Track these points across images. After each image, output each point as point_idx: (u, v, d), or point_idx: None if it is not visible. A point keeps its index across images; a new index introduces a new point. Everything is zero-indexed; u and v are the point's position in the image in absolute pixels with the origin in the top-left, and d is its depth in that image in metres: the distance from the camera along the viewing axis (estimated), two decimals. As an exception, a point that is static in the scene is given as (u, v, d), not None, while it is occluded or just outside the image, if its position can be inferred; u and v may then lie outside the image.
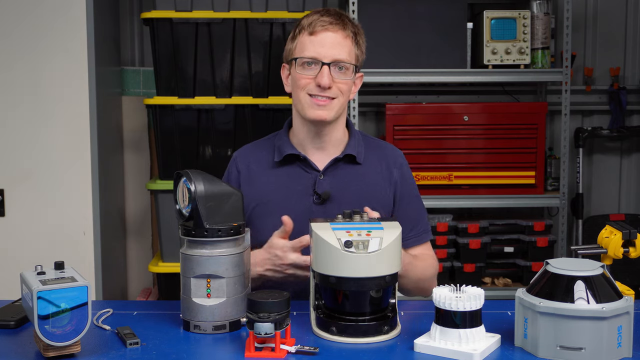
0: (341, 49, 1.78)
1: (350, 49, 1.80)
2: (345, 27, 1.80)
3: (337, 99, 1.79)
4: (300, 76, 1.79)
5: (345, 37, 1.79)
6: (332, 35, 1.78)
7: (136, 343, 1.41)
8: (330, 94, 1.78)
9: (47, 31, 2.97)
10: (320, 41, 1.77)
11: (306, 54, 1.78)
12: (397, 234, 1.46)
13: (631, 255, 1.64)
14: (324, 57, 1.77)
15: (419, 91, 3.88)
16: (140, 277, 3.80)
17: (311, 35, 1.78)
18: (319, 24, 1.78)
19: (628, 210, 4.00)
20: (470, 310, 1.35)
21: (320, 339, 1.45)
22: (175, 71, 3.20)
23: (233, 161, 1.95)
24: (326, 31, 1.77)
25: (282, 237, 1.69)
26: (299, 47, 1.81)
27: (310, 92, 1.78)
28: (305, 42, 1.79)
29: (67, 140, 3.02)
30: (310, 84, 1.78)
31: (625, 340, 1.32)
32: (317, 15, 1.80)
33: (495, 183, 3.52)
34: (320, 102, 1.78)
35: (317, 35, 1.78)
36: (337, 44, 1.78)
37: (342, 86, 1.79)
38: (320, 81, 1.76)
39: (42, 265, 1.40)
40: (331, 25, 1.78)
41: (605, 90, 3.89)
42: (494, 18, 3.45)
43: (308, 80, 1.78)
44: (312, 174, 1.86)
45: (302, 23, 1.81)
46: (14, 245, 3.02)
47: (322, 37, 1.77)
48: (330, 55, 1.77)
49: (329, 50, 1.77)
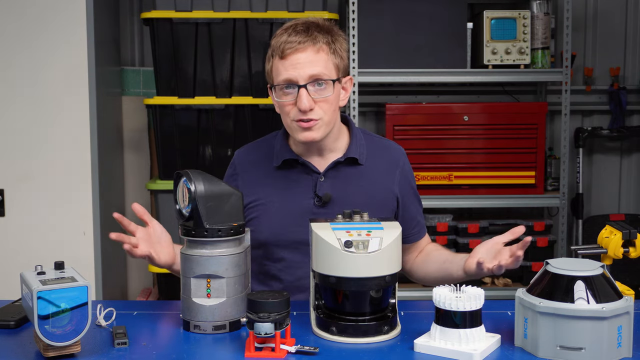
0: (315, 65, 1.72)
1: (326, 62, 1.74)
2: (315, 41, 1.73)
3: (321, 119, 1.74)
4: (282, 103, 1.75)
5: (317, 52, 1.73)
6: (302, 55, 1.72)
7: (124, 343, 1.41)
8: (313, 116, 1.73)
9: (47, 31, 2.97)
10: (292, 64, 1.71)
11: (280, 79, 1.73)
12: (397, 234, 1.46)
13: (631, 255, 1.64)
14: (298, 78, 1.71)
15: (419, 91, 3.88)
16: (140, 277, 3.80)
17: (282, 59, 1.73)
18: (287, 46, 1.72)
19: (628, 210, 4.00)
20: (470, 310, 1.35)
21: (320, 339, 1.45)
22: (175, 71, 3.20)
23: (232, 162, 1.94)
24: (296, 52, 1.71)
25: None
26: (274, 72, 1.76)
27: (294, 117, 1.74)
28: (278, 67, 1.74)
29: (67, 140, 3.02)
30: (292, 110, 1.74)
31: (625, 340, 1.32)
32: (285, 35, 1.74)
33: (495, 183, 3.52)
34: (304, 125, 1.73)
35: (287, 58, 1.72)
36: (309, 62, 1.72)
37: (324, 104, 1.74)
38: (300, 105, 1.71)
39: (42, 265, 1.40)
40: (300, 44, 1.72)
41: (605, 90, 3.89)
42: (494, 18, 3.45)
43: (290, 106, 1.74)
44: (313, 177, 1.84)
45: (273, 45, 1.76)
46: (14, 245, 3.02)
47: (292, 60, 1.72)
48: (304, 76, 1.71)
49: (302, 71, 1.71)
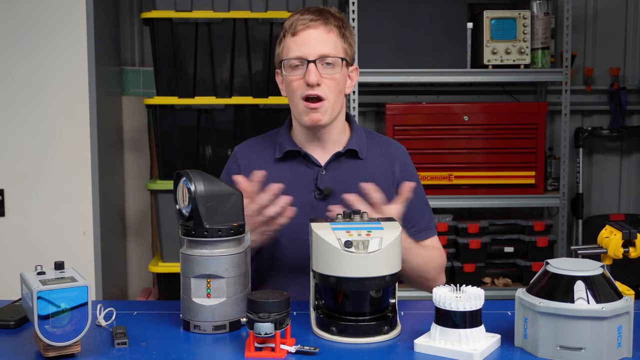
0: (325, 44, 1.77)
1: (336, 43, 1.79)
2: (327, 21, 1.79)
3: (327, 100, 1.78)
4: (290, 78, 1.79)
5: (328, 32, 1.78)
6: (314, 32, 1.77)
7: (124, 343, 1.41)
8: (319, 92, 1.76)
9: (47, 31, 2.97)
10: (303, 40, 1.77)
11: (291, 55, 1.78)
12: (397, 234, 1.46)
13: (631, 255, 1.64)
14: (308, 55, 1.76)
15: (419, 91, 3.89)
16: (140, 277, 3.80)
17: (294, 36, 1.78)
18: (299, 23, 1.78)
19: (628, 210, 4.00)
20: (470, 310, 1.35)
21: (320, 339, 1.45)
22: (175, 71, 3.20)
23: (233, 156, 1.95)
24: (307, 29, 1.77)
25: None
26: (284, 50, 1.81)
27: (302, 94, 1.78)
28: (289, 44, 1.79)
29: (67, 140, 3.02)
30: (301, 86, 1.78)
31: (625, 340, 1.32)
32: (297, 15, 1.81)
33: (495, 183, 3.52)
34: (311, 106, 1.77)
35: (299, 35, 1.78)
36: (320, 39, 1.77)
37: (331, 82, 1.78)
38: (308, 79, 1.75)
39: (42, 265, 1.40)
40: (312, 22, 1.78)
41: (605, 90, 3.89)
42: (494, 18, 3.45)
43: (299, 82, 1.78)
44: (314, 169, 1.86)
45: (285, 25, 1.82)
46: (14, 245, 3.03)
47: (304, 36, 1.77)
48: (314, 52, 1.76)
49: (313, 48, 1.76)
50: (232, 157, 1.96)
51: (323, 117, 1.79)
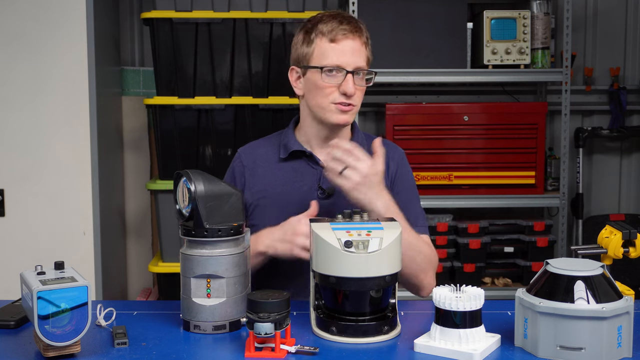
0: (360, 56, 1.83)
1: (366, 55, 1.85)
2: (362, 34, 1.84)
3: (356, 106, 1.85)
4: (325, 85, 1.81)
5: (362, 44, 1.84)
6: (352, 43, 1.82)
7: (124, 343, 1.41)
8: (352, 101, 1.82)
9: (48, 31, 2.97)
10: (342, 49, 1.80)
11: (330, 62, 1.81)
12: (397, 234, 1.46)
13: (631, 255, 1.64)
14: (347, 65, 1.80)
15: (419, 91, 3.89)
16: (140, 277, 3.80)
17: (332, 42, 1.81)
18: (340, 31, 1.81)
19: (628, 210, 4.00)
20: (470, 310, 1.35)
21: (320, 339, 1.45)
22: (175, 71, 3.20)
23: (238, 156, 1.97)
24: (346, 39, 1.81)
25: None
26: (318, 54, 1.83)
27: (334, 100, 1.81)
28: (326, 50, 1.81)
29: (67, 140, 3.02)
30: (334, 92, 1.81)
31: (625, 340, 1.32)
32: (336, 22, 1.82)
33: (495, 183, 3.52)
34: (344, 109, 1.82)
35: (338, 43, 1.81)
36: (356, 51, 1.82)
37: (360, 93, 1.85)
38: (346, 89, 1.79)
39: (42, 265, 1.40)
40: (351, 33, 1.81)
41: (605, 90, 3.89)
42: (494, 18, 3.45)
43: (333, 88, 1.81)
44: (318, 169, 1.89)
45: (320, 28, 1.83)
46: (14, 245, 3.03)
47: (343, 45, 1.81)
48: (352, 63, 1.81)
49: (351, 58, 1.81)
50: (236, 158, 1.98)
51: (350, 118, 1.86)
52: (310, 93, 1.86)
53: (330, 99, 1.82)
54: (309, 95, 1.86)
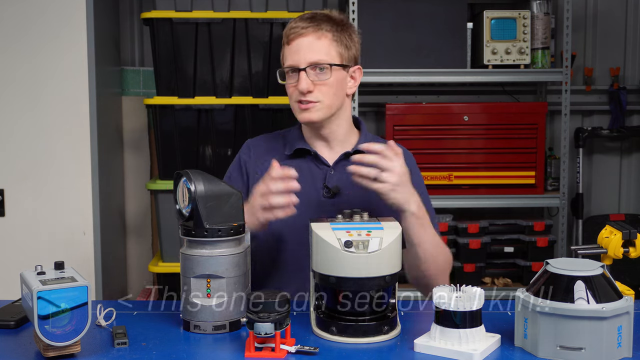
0: (317, 51, 1.81)
1: (328, 48, 1.82)
2: (318, 28, 1.82)
3: (321, 102, 1.82)
4: (287, 85, 1.85)
5: (318, 38, 1.81)
6: (305, 39, 1.81)
7: (124, 343, 1.41)
8: (312, 98, 1.81)
9: (47, 31, 2.97)
10: (295, 48, 1.82)
11: (285, 64, 1.85)
12: (397, 234, 1.46)
13: (631, 255, 1.64)
14: (298, 63, 1.81)
15: (419, 91, 3.89)
16: (140, 277, 3.80)
17: (288, 44, 1.84)
18: (292, 31, 1.83)
19: (628, 210, 4.00)
20: (470, 310, 1.35)
21: (320, 339, 1.45)
22: (175, 71, 3.20)
23: (246, 147, 1.99)
24: (299, 37, 1.82)
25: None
26: (283, 58, 1.88)
27: (296, 99, 1.83)
28: (285, 53, 1.86)
29: (67, 140, 3.02)
30: (294, 92, 1.83)
31: (625, 340, 1.32)
32: (293, 22, 1.85)
33: (495, 183, 3.52)
34: (303, 107, 1.83)
35: (291, 43, 1.83)
36: (310, 47, 1.81)
37: (323, 87, 1.82)
38: (298, 87, 1.81)
39: (42, 265, 1.40)
40: (303, 29, 1.81)
41: (605, 90, 3.89)
42: (494, 18, 3.45)
43: (292, 88, 1.84)
44: (323, 169, 1.90)
45: (284, 33, 1.87)
46: (14, 245, 3.02)
47: (295, 44, 1.82)
48: (304, 60, 1.80)
49: (303, 56, 1.81)
50: (244, 148, 2.00)
51: (315, 115, 1.83)
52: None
53: (294, 98, 1.84)
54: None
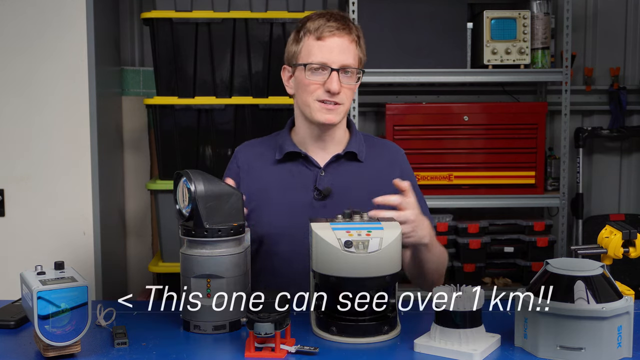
0: (348, 54, 1.81)
1: (355, 54, 1.84)
2: (350, 31, 1.83)
3: (343, 105, 1.83)
4: (309, 82, 1.81)
5: (350, 42, 1.82)
6: (339, 40, 1.80)
7: (124, 343, 1.41)
8: (338, 99, 1.81)
9: (47, 31, 2.97)
10: (328, 47, 1.80)
11: (314, 60, 1.80)
12: (397, 234, 1.46)
13: (631, 255, 1.64)
14: (332, 63, 1.79)
15: (419, 91, 3.88)
16: (140, 277, 3.80)
17: (319, 40, 1.80)
18: (327, 29, 1.80)
19: (628, 210, 4.00)
20: (470, 310, 1.35)
21: (320, 339, 1.45)
22: (175, 71, 3.20)
23: (234, 157, 1.98)
24: (333, 36, 1.80)
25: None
26: (304, 52, 1.82)
27: (319, 97, 1.81)
28: (312, 47, 1.81)
29: (67, 140, 3.02)
30: (319, 90, 1.80)
31: (625, 340, 1.32)
32: (323, 19, 1.82)
33: (495, 183, 3.52)
34: (329, 107, 1.81)
35: (324, 40, 1.80)
36: (344, 49, 1.81)
37: (348, 91, 1.83)
38: (330, 87, 1.78)
39: (42, 265, 1.40)
40: (338, 30, 1.80)
41: (605, 90, 3.89)
42: (494, 18, 3.45)
43: (317, 85, 1.81)
44: (314, 171, 1.89)
45: (308, 27, 1.82)
46: (14, 245, 3.02)
47: (329, 43, 1.80)
48: (338, 61, 1.80)
49: (337, 56, 1.80)
50: (233, 158, 1.98)
51: (337, 117, 1.83)
52: (298, 91, 1.86)
53: (315, 96, 1.81)
54: (297, 93, 1.87)
